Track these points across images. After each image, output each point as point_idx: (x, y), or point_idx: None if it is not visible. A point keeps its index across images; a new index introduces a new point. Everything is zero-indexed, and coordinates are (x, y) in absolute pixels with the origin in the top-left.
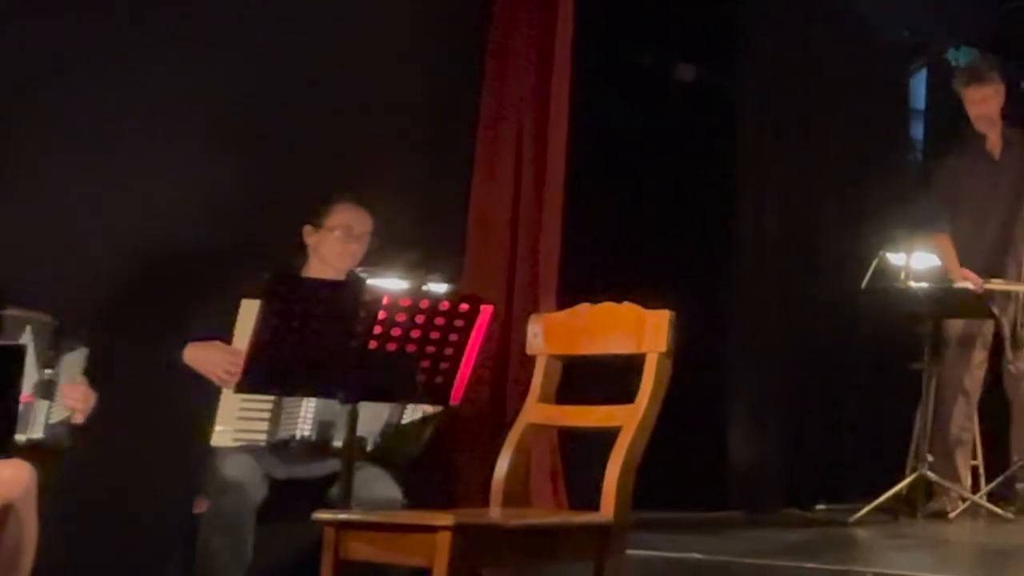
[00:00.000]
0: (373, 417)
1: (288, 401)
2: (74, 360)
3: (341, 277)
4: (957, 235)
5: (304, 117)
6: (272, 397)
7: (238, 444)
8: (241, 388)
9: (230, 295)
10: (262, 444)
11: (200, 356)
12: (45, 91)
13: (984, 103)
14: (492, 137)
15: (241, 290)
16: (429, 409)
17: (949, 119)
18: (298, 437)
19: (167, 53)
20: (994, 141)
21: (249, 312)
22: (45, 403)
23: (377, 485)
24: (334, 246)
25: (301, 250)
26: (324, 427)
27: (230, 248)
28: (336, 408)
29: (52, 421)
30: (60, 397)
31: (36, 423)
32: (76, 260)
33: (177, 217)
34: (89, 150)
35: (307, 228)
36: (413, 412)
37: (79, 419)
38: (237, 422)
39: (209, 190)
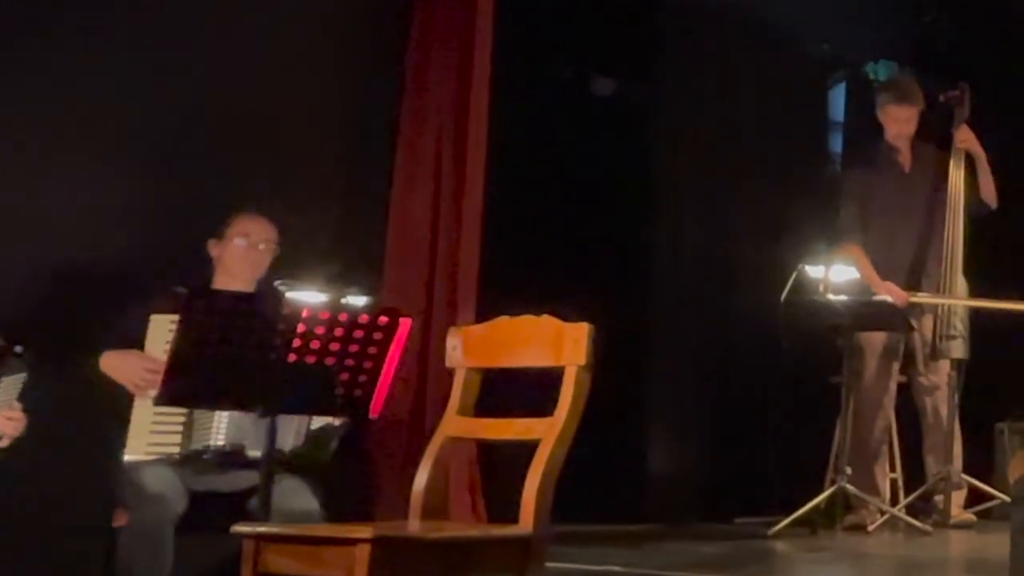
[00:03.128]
0: (286, 427)
1: (200, 412)
2: (11, 384)
3: (250, 288)
4: (870, 247)
5: (219, 129)
6: (184, 409)
7: (152, 457)
8: (160, 401)
9: (140, 310)
10: (176, 456)
11: (117, 364)
12: None
13: (908, 123)
14: (411, 150)
15: (151, 305)
16: (334, 420)
17: (867, 131)
18: (212, 448)
19: (75, 62)
20: (905, 155)
21: (159, 327)
22: None
23: (295, 497)
24: (235, 254)
25: (207, 263)
26: (237, 438)
27: (140, 263)
28: (249, 419)
29: None
30: None
31: None
32: None
33: (84, 232)
34: None
35: (211, 241)
36: (320, 418)
37: (4, 443)
38: (150, 435)
39: (118, 205)
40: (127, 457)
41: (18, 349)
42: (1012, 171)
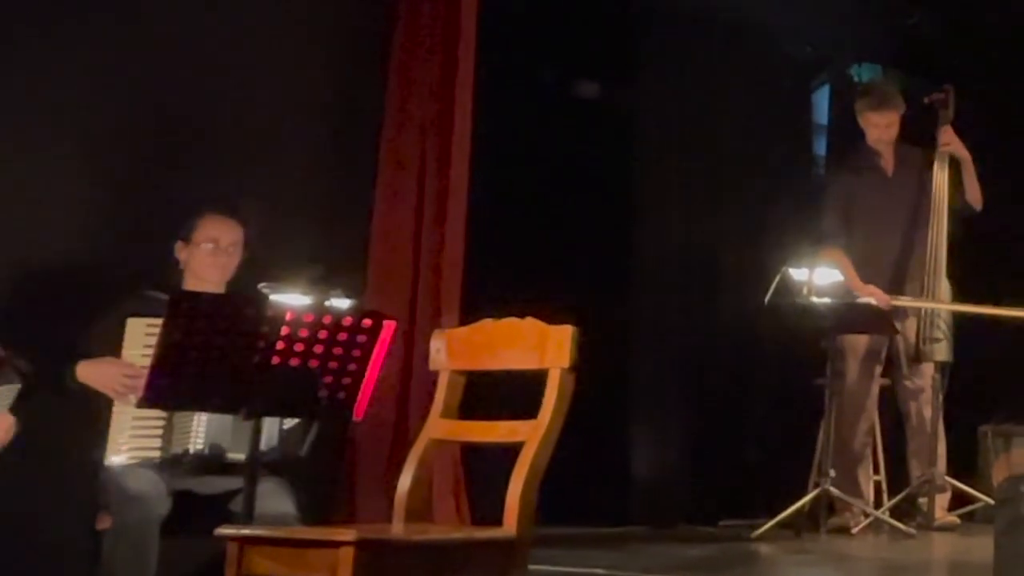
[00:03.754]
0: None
1: (179, 416)
2: (5, 393)
3: (220, 291)
4: (853, 250)
5: (201, 132)
6: (164, 412)
7: (133, 460)
8: (144, 404)
9: (115, 314)
10: (156, 460)
11: (94, 372)
12: None
13: (888, 128)
14: (395, 153)
15: (126, 309)
16: None
17: (852, 134)
18: (191, 451)
19: (45, 63)
20: (888, 159)
21: (135, 330)
22: None
23: (271, 500)
24: (203, 259)
25: (176, 266)
26: (217, 441)
27: (115, 266)
28: (228, 422)
29: None
30: None
31: None
32: None
33: (55, 235)
34: None
35: (178, 244)
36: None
37: None
38: (130, 439)
39: (92, 208)
40: (108, 460)
41: (19, 362)
42: (996, 173)
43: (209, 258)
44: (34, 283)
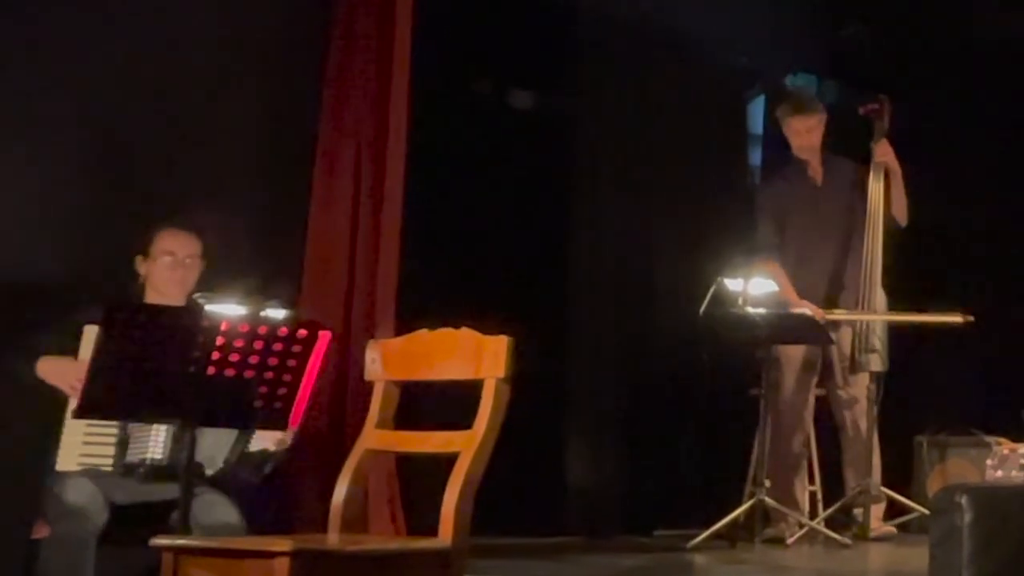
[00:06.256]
0: (220, 443)
1: (136, 425)
2: None
3: (181, 303)
4: (787, 261)
5: (140, 141)
6: (118, 422)
7: (82, 468)
8: (79, 413)
9: (73, 321)
10: (108, 469)
11: (53, 368)
12: None
13: (809, 134)
14: (330, 162)
15: (84, 316)
16: (271, 446)
17: (785, 145)
18: (148, 461)
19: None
20: (816, 168)
21: (92, 338)
22: None
23: (216, 510)
24: (163, 274)
25: (136, 280)
26: (176, 451)
27: (75, 274)
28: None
29: None
30: None
31: None
32: None
33: (12, 243)
34: None
35: (138, 258)
36: (259, 441)
37: None
38: (82, 447)
39: (47, 215)
40: (59, 467)
41: None
42: (930, 185)
43: (167, 272)
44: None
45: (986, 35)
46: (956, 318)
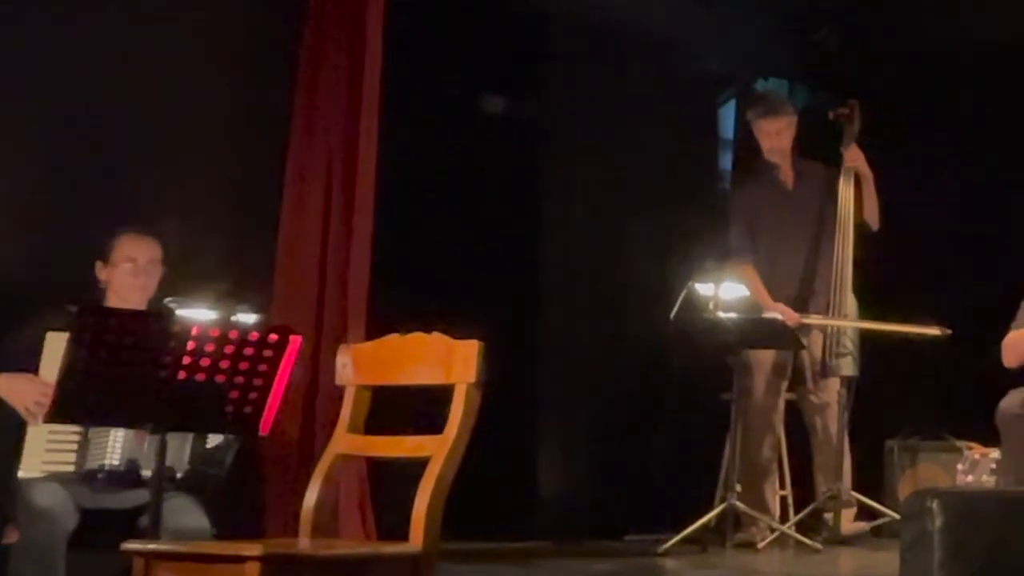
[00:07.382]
0: (179, 445)
1: (95, 431)
2: None
3: (142, 308)
4: (757, 264)
5: (108, 144)
6: (79, 428)
7: (46, 474)
8: (50, 419)
9: (35, 328)
10: (70, 474)
11: (9, 387)
12: None
13: (779, 136)
14: (301, 167)
15: (47, 322)
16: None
17: (757, 150)
18: (106, 467)
19: None
20: (786, 172)
21: (55, 344)
22: None
23: (186, 515)
24: (124, 280)
25: (97, 286)
26: (133, 456)
27: (36, 280)
28: (144, 438)
29: None
30: None
31: None
32: None
33: None
34: None
35: (99, 264)
36: (215, 437)
37: None
38: (45, 453)
39: (12, 222)
40: (21, 474)
41: None
42: (901, 189)
43: (129, 278)
44: None
45: (956, 39)
46: (935, 330)
